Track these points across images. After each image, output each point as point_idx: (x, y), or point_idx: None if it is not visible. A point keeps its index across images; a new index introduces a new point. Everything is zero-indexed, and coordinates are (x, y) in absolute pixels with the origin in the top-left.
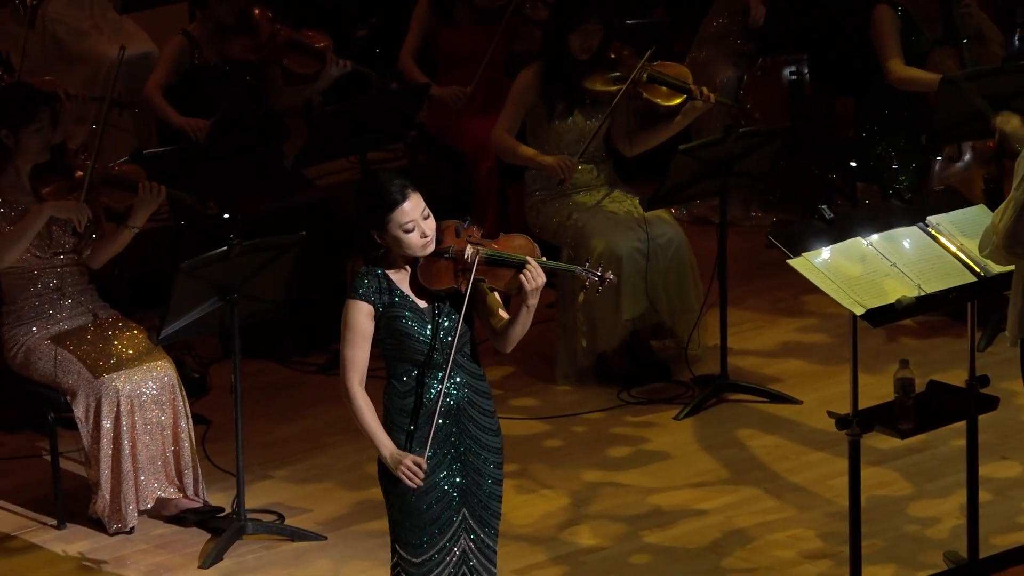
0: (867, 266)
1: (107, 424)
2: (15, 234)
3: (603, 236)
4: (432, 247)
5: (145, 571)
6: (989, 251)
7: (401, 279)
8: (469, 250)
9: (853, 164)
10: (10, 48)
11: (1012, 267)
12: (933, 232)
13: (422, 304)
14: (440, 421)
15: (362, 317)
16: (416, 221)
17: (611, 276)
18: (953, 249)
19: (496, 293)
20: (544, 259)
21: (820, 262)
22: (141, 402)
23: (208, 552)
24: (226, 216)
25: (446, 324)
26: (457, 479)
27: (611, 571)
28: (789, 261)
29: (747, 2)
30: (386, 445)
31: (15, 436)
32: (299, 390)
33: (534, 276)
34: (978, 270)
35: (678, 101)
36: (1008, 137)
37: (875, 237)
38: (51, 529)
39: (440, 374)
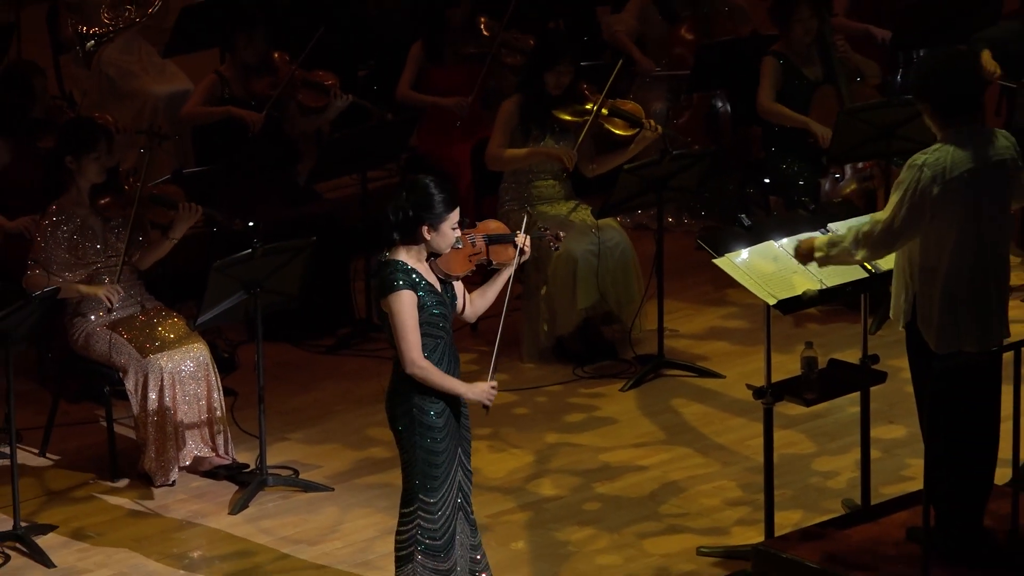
0: (778, 264)
1: (153, 396)
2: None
3: (563, 240)
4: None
5: (184, 516)
6: (863, 256)
7: (424, 270)
8: (476, 238)
9: (767, 180)
10: (73, 87)
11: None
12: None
13: (438, 286)
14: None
15: (412, 304)
16: (457, 223)
17: (562, 233)
18: None
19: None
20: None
21: (740, 261)
22: (181, 377)
23: (236, 501)
24: (251, 224)
25: (452, 300)
26: (455, 424)
27: (568, 517)
28: (715, 260)
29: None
30: (463, 386)
31: (77, 406)
32: (311, 367)
33: (528, 243)
34: (870, 267)
35: (632, 132)
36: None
37: (785, 240)
38: (107, 482)
39: (448, 342)
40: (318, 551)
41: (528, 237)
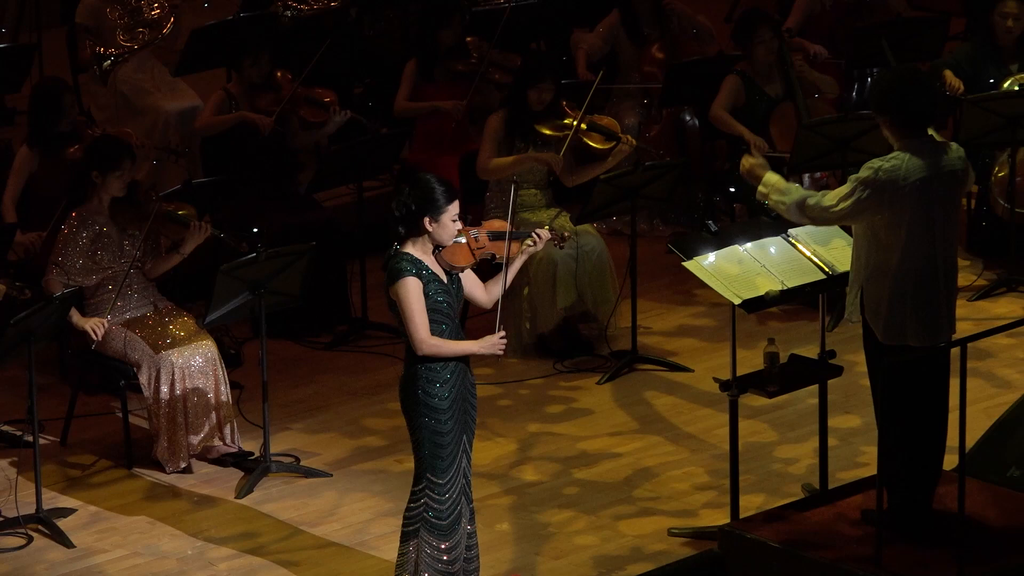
0: (743, 267)
1: (165, 389)
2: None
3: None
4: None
5: (193, 500)
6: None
7: (430, 262)
8: (480, 234)
9: (732, 189)
10: (91, 103)
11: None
12: (793, 241)
13: (443, 278)
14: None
15: (418, 289)
16: (457, 215)
17: (566, 233)
18: (808, 254)
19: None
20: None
21: (707, 264)
22: (191, 372)
23: (242, 486)
24: (255, 230)
25: (458, 292)
26: (462, 409)
27: (549, 500)
28: (684, 263)
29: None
30: (474, 344)
31: (95, 398)
32: (311, 363)
33: (543, 237)
34: (827, 270)
35: (609, 146)
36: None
37: (749, 245)
38: (122, 469)
39: (453, 329)
40: (318, 532)
41: (549, 230)
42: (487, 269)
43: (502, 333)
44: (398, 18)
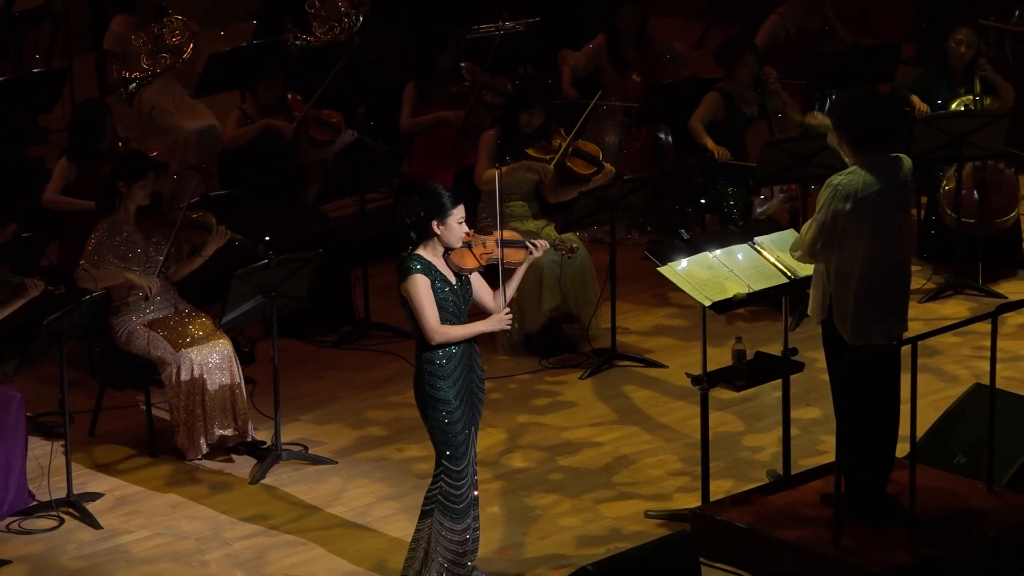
0: (713, 272)
1: (185, 383)
2: (102, 280)
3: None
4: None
5: (211, 485)
6: (799, 255)
7: (439, 263)
8: (488, 240)
9: (703, 201)
10: (117, 123)
11: (812, 268)
12: (759, 248)
13: (452, 279)
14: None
15: (426, 285)
16: (463, 219)
17: (574, 245)
18: (772, 260)
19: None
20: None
21: (680, 269)
22: (208, 368)
23: (255, 472)
24: (267, 238)
25: (465, 293)
26: (468, 401)
27: (535, 485)
28: (659, 269)
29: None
30: (482, 324)
31: (121, 392)
32: (318, 360)
33: (540, 247)
34: (789, 274)
35: (591, 171)
36: (816, 127)
37: (718, 251)
38: (146, 456)
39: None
40: (324, 514)
41: (546, 241)
42: (494, 276)
43: (507, 310)
44: (398, 45)
